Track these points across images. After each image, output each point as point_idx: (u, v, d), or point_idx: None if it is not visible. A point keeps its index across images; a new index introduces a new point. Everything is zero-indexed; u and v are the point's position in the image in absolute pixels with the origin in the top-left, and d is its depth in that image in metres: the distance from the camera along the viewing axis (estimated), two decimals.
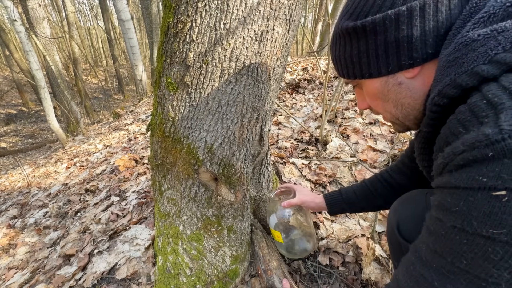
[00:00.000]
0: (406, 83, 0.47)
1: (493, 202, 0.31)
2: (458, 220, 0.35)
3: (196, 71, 0.75)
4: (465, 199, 0.34)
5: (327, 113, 1.87)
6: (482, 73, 0.35)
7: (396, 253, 0.69)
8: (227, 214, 0.97)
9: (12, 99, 11.87)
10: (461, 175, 0.34)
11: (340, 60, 0.53)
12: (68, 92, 5.92)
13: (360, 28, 0.46)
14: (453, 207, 0.35)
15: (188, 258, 0.98)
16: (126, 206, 1.77)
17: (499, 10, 0.36)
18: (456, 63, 0.38)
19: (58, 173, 3.16)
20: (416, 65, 0.45)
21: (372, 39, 0.46)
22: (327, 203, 0.89)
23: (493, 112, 0.32)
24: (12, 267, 1.51)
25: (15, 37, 9.32)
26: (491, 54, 0.35)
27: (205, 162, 0.86)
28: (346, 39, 0.50)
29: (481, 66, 0.35)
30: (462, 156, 0.34)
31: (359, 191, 0.85)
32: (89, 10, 17.08)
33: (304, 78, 3.49)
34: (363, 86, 0.54)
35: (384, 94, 0.51)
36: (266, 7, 0.70)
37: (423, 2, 0.41)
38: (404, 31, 0.43)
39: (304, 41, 14.15)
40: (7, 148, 7.54)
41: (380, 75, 0.48)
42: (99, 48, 18.65)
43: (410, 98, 0.49)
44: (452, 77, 0.38)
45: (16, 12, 3.92)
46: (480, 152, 0.32)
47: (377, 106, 0.55)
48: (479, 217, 0.33)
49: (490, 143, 0.31)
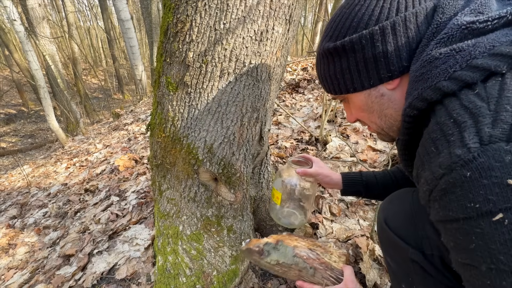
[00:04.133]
0: (388, 95, 0.52)
1: (500, 229, 0.32)
2: (487, 260, 0.34)
3: (196, 71, 0.75)
4: (473, 232, 0.34)
5: (327, 113, 1.87)
6: (443, 89, 0.39)
7: (386, 250, 0.69)
8: (227, 214, 0.96)
9: (12, 99, 11.86)
10: (451, 205, 0.36)
11: (326, 78, 0.58)
12: (68, 92, 5.92)
13: (340, 47, 0.51)
14: (470, 245, 0.35)
15: (188, 258, 0.98)
16: (125, 206, 1.76)
17: (456, 32, 0.41)
18: (423, 78, 0.43)
19: (57, 173, 3.16)
20: (395, 77, 0.50)
21: (352, 56, 0.51)
22: (344, 181, 0.88)
23: (458, 130, 0.35)
24: (11, 267, 1.51)
25: (14, 37, 9.31)
26: (450, 71, 0.39)
27: (205, 162, 0.86)
28: (329, 59, 0.55)
29: (442, 82, 0.40)
30: (443, 180, 0.36)
31: (380, 177, 0.86)
32: (88, 9, 17.06)
33: (304, 78, 3.49)
34: (350, 100, 0.59)
35: (368, 106, 0.55)
36: (266, 6, 0.70)
37: (393, 21, 0.46)
38: (379, 47, 0.48)
39: (304, 41, 14.14)
40: (7, 148, 7.53)
41: (363, 89, 0.53)
42: (98, 48, 18.64)
43: (392, 109, 0.53)
44: (420, 91, 0.43)
45: (15, 12, 3.92)
46: (458, 174, 0.34)
47: (363, 118, 0.59)
48: (501, 250, 0.32)
49: (464, 163, 0.33)
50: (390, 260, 0.68)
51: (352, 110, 0.61)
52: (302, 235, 0.98)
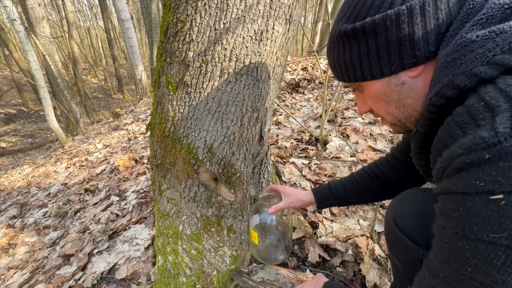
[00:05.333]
0: (409, 83, 0.47)
1: (491, 206, 0.31)
2: (459, 226, 0.35)
3: (196, 71, 0.74)
4: (464, 204, 0.34)
5: (327, 113, 1.87)
6: (480, 75, 0.35)
7: (394, 250, 0.68)
8: (227, 214, 0.96)
9: (12, 99, 11.86)
10: (458, 180, 0.35)
11: (340, 64, 0.52)
12: (68, 91, 5.91)
13: (360, 29, 0.46)
14: (453, 213, 0.36)
15: (187, 258, 0.98)
16: (125, 206, 1.76)
17: (497, 12, 0.37)
18: (454, 64, 0.39)
19: (57, 173, 3.16)
20: (419, 64, 0.45)
21: (373, 40, 0.46)
22: (316, 198, 0.88)
23: (490, 114, 0.32)
24: (11, 267, 1.51)
25: (14, 36, 9.30)
26: (489, 55, 0.35)
27: (205, 162, 0.86)
28: (345, 42, 0.49)
29: (479, 67, 0.36)
30: (459, 159, 0.34)
31: (349, 186, 0.84)
32: (88, 9, 17.07)
33: (304, 77, 3.49)
34: (364, 89, 0.53)
35: (386, 95, 0.50)
36: (266, 6, 0.70)
37: (423, 1, 0.41)
38: (405, 30, 0.43)
39: (304, 41, 14.14)
40: (7, 147, 7.53)
41: (382, 76, 0.48)
42: (98, 48, 18.63)
43: (412, 98, 0.48)
44: (450, 78, 0.39)
45: (15, 12, 3.92)
46: (477, 155, 0.32)
47: (378, 109, 0.54)
48: (479, 222, 0.33)
49: (486, 146, 0.31)
50: (397, 260, 0.67)
51: (367, 100, 0.55)
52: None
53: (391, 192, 0.78)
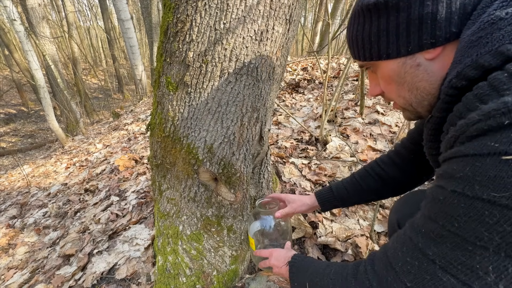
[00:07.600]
0: (425, 65, 0.45)
1: (501, 166, 0.30)
2: (460, 185, 0.34)
3: (196, 71, 0.74)
4: (472, 164, 0.33)
5: (327, 113, 1.87)
6: (507, 53, 0.33)
7: None
8: (227, 214, 0.96)
9: (12, 99, 11.86)
10: (472, 144, 0.33)
11: (357, 40, 0.50)
12: (68, 91, 5.91)
13: (382, 4, 0.44)
14: (457, 174, 0.35)
15: (187, 258, 0.98)
16: (125, 206, 1.76)
17: None
18: (479, 43, 0.37)
19: (57, 173, 3.16)
20: (438, 45, 0.43)
21: (394, 16, 0.44)
22: (320, 201, 0.88)
23: None
24: (11, 267, 1.51)
25: (14, 36, 9.30)
26: None
27: (205, 162, 0.86)
28: (366, 17, 0.48)
29: (506, 45, 0.33)
30: (476, 126, 0.33)
31: (350, 187, 0.84)
32: (88, 9, 17.07)
33: (304, 77, 3.49)
34: (378, 69, 0.52)
35: (400, 76, 0.48)
36: (266, 6, 0.70)
37: None
38: (429, 7, 0.41)
39: (304, 41, 14.14)
40: (7, 147, 7.53)
41: (398, 56, 0.46)
42: (98, 48, 18.63)
43: (426, 82, 0.46)
44: (474, 58, 0.37)
45: (15, 12, 3.92)
46: (496, 121, 0.31)
47: (390, 91, 0.52)
48: (483, 181, 0.32)
49: (507, 111, 0.30)
50: None
51: (380, 81, 0.53)
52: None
53: (393, 189, 0.78)
